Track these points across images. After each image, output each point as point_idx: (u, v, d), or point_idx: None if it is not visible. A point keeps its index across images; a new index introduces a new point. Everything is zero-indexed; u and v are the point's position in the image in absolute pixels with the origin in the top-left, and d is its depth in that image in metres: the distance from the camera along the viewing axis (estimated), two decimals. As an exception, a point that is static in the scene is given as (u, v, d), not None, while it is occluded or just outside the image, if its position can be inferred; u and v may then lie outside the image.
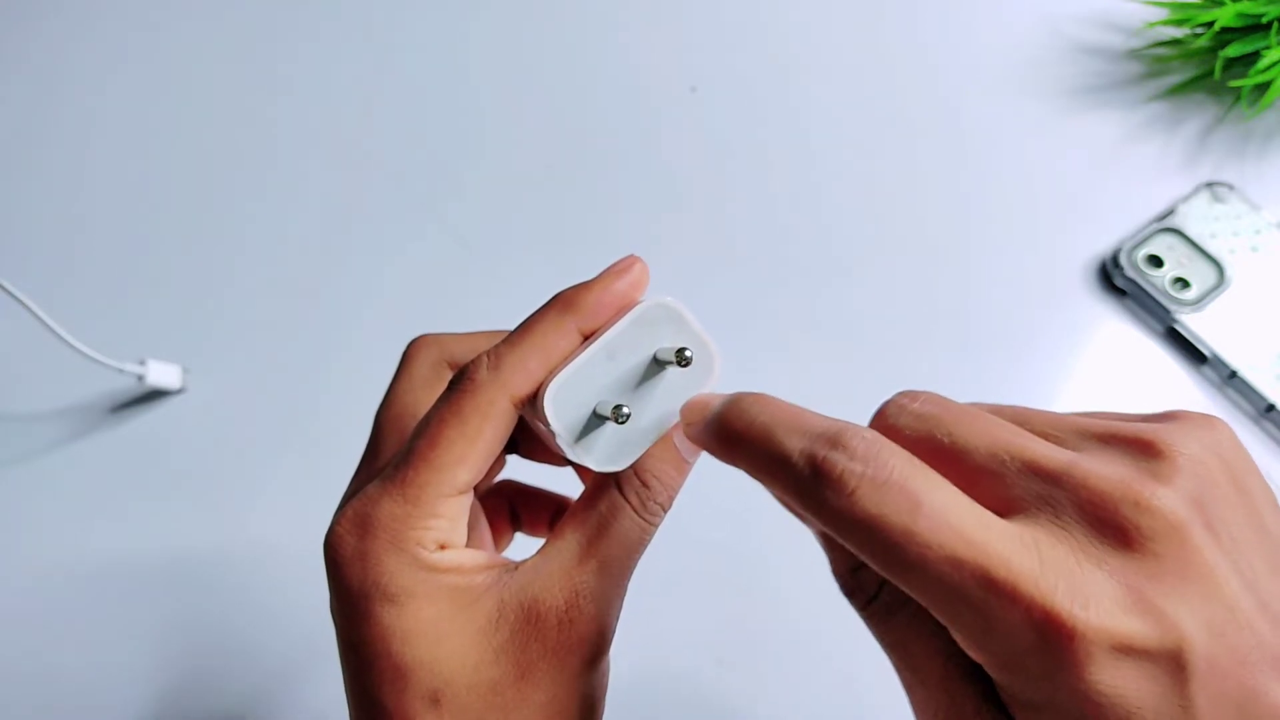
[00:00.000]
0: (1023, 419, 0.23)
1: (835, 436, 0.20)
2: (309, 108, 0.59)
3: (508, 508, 0.33)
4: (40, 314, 0.43)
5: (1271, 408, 0.47)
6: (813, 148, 0.56)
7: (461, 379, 0.25)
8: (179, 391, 0.49)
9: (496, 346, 0.25)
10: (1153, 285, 0.49)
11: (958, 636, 0.20)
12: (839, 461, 0.20)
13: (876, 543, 0.19)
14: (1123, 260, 0.50)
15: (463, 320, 0.27)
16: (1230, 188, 0.52)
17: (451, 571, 0.25)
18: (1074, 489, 0.20)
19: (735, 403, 0.23)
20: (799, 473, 0.20)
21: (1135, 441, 0.21)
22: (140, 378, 0.47)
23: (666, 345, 0.25)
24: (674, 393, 0.25)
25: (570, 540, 0.26)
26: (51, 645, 0.44)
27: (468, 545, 0.26)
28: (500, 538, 0.33)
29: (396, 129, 0.58)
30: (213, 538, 0.46)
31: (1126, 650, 0.18)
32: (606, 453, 0.25)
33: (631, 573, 0.26)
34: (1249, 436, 0.47)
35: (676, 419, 0.26)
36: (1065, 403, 0.49)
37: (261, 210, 0.55)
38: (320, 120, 0.59)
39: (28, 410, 0.49)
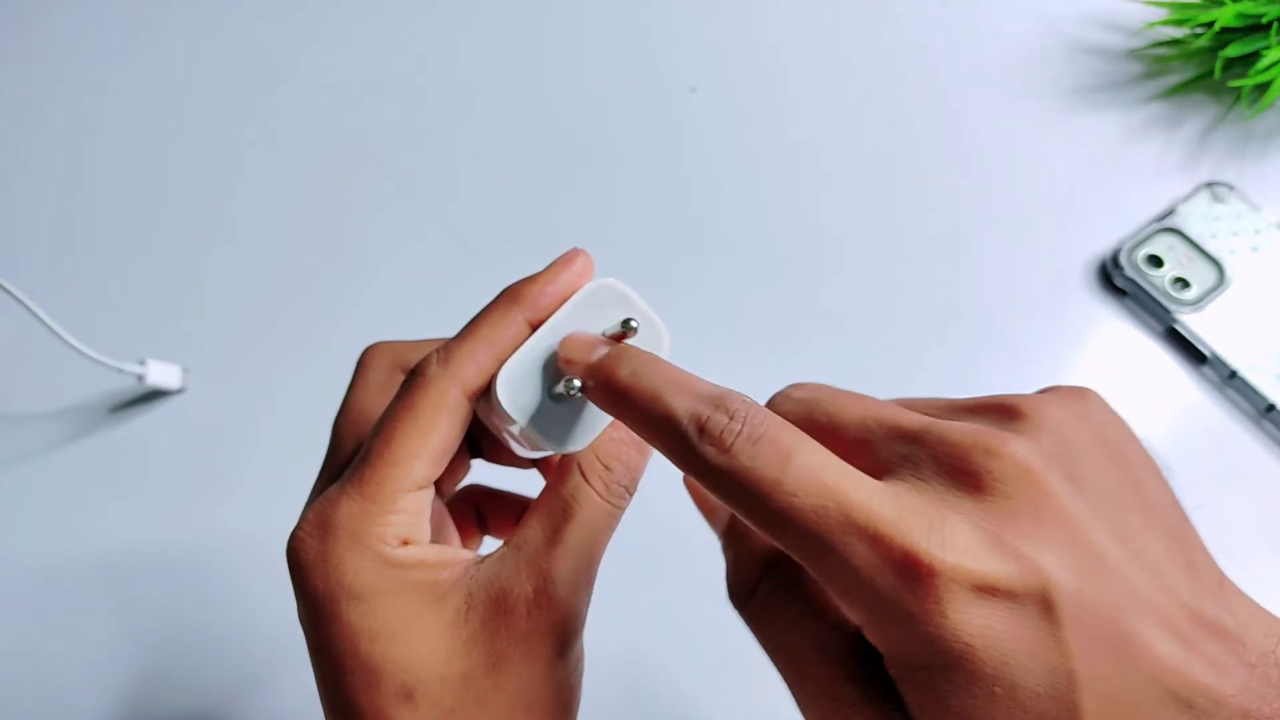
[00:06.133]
0: (905, 403, 0.24)
1: (719, 399, 0.21)
2: (308, 108, 0.59)
3: (474, 511, 0.33)
4: (40, 314, 0.43)
5: (1271, 408, 0.47)
6: (812, 148, 0.56)
7: (413, 376, 0.25)
8: (179, 391, 0.49)
9: (446, 343, 0.26)
10: (1153, 285, 0.49)
11: (829, 587, 0.20)
12: (720, 421, 0.21)
13: (749, 494, 0.20)
14: (1123, 260, 0.50)
15: (462, 320, 0.27)
16: (1230, 188, 0.52)
17: (416, 566, 0.25)
18: (932, 444, 0.21)
19: (623, 355, 0.23)
20: (684, 431, 0.21)
21: (998, 407, 0.22)
22: (140, 378, 0.47)
23: (613, 322, 0.25)
24: None
25: (536, 529, 0.26)
26: (52, 645, 0.44)
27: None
28: (468, 541, 0.33)
29: (396, 129, 0.58)
30: (213, 538, 0.46)
31: (988, 590, 0.19)
32: (563, 434, 0.25)
33: (600, 558, 0.26)
34: (1249, 436, 0.47)
35: None
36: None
37: (261, 210, 0.55)
38: (319, 120, 0.59)
39: (28, 410, 0.49)
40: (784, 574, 0.23)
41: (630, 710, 0.41)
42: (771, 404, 0.24)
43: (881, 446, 0.22)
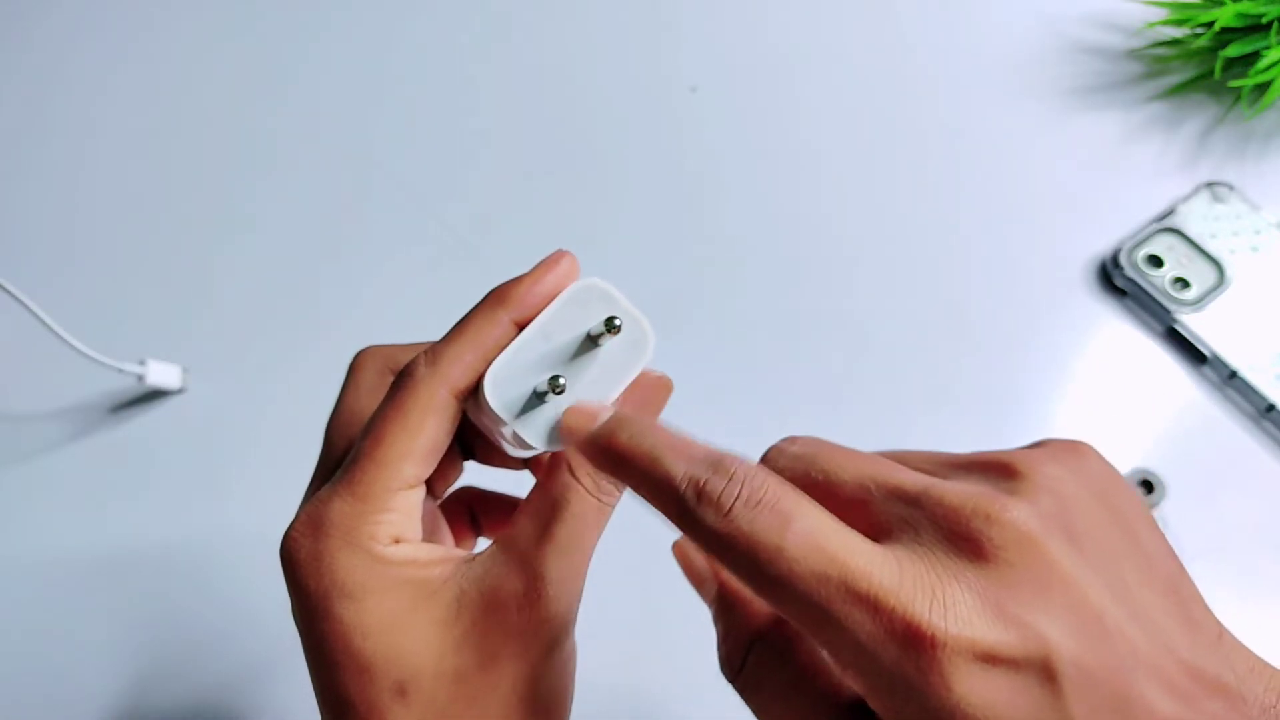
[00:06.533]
0: (900, 457, 0.24)
1: (716, 462, 0.21)
2: (309, 108, 0.59)
3: (468, 513, 0.33)
4: (40, 314, 0.43)
5: (1271, 408, 0.47)
6: (812, 148, 0.56)
7: (401, 377, 0.26)
8: (179, 391, 0.49)
9: (433, 344, 0.26)
10: (1153, 285, 0.49)
11: (830, 655, 0.20)
12: (718, 484, 0.21)
13: (749, 559, 0.20)
14: (1123, 260, 0.50)
15: (462, 320, 0.27)
16: (1230, 188, 0.52)
17: (408, 565, 0.25)
18: (930, 508, 0.21)
19: (621, 423, 0.24)
20: (682, 494, 0.21)
21: (994, 465, 0.22)
22: (140, 378, 0.47)
23: (598, 322, 0.26)
24: (611, 368, 0.26)
25: (526, 526, 0.26)
26: (52, 644, 0.44)
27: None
28: (462, 543, 0.33)
29: (396, 129, 0.58)
30: (213, 537, 0.46)
31: (990, 659, 0.18)
32: (551, 431, 0.25)
33: (590, 555, 0.27)
34: (1249, 436, 0.47)
35: (617, 393, 0.26)
36: (1065, 403, 0.49)
37: (262, 210, 0.55)
38: (320, 120, 0.59)
39: (28, 410, 0.49)
40: (774, 645, 0.24)
41: (626, 709, 0.41)
42: (766, 459, 0.25)
43: (880, 508, 0.22)
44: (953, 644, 0.18)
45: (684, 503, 0.21)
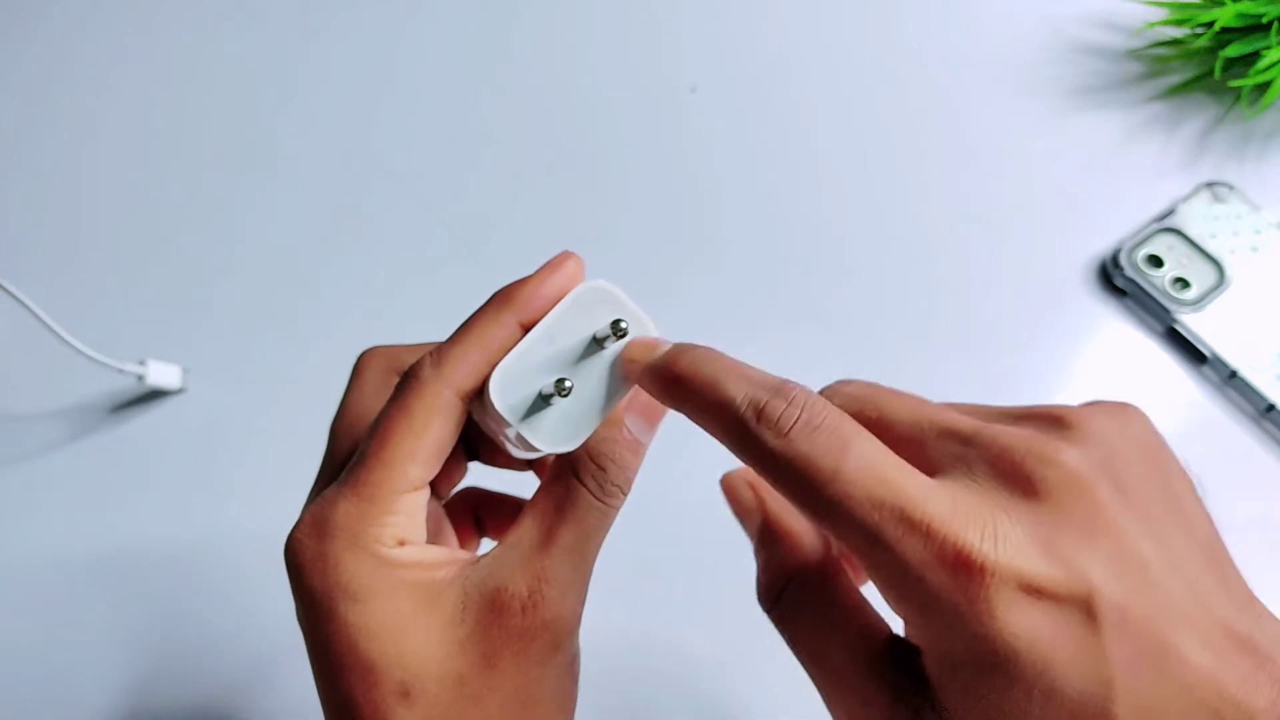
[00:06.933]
0: (952, 406, 0.24)
1: (777, 386, 0.22)
2: (309, 108, 0.59)
3: (472, 514, 0.33)
4: (40, 314, 0.43)
5: (1271, 408, 0.47)
6: (812, 148, 0.56)
7: (407, 378, 0.26)
8: (179, 391, 0.49)
9: (439, 345, 0.26)
10: (1153, 285, 0.49)
11: (876, 580, 0.21)
12: (779, 406, 0.21)
13: (805, 481, 0.21)
14: (1123, 260, 0.50)
15: (463, 321, 0.27)
16: (1230, 188, 0.52)
17: (412, 567, 0.25)
18: (984, 446, 0.21)
19: (684, 349, 0.24)
20: (742, 415, 0.22)
21: (1045, 416, 0.23)
22: (140, 378, 0.47)
23: (604, 324, 0.26)
24: (616, 370, 0.26)
25: (530, 529, 0.26)
26: (53, 644, 0.44)
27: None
28: (466, 543, 0.33)
29: (397, 129, 0.58)
30: (213, 537, 0.46)
31: (1035, 591, 0.19)
32: (556, 434, 0.26)
33: (594, 557, 0.27)
34: (1249, 436, 0.47)
35: (622, 396, 0.26)
36: (1065, 403, 0.49)
37: (262, 210, 0.55)
38: (320, 120, 0.59)
39: (28, 410, 0.49)
40: (813, 579, 0.24)
41: (629, 710, 0.41)
42: (821, 395, 0.25)
43: (934, 445, 0.22)
44: (1001, 573, 0.19)
45: (744, 424, 0.21)
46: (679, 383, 0.23)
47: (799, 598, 0.24)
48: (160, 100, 0.60)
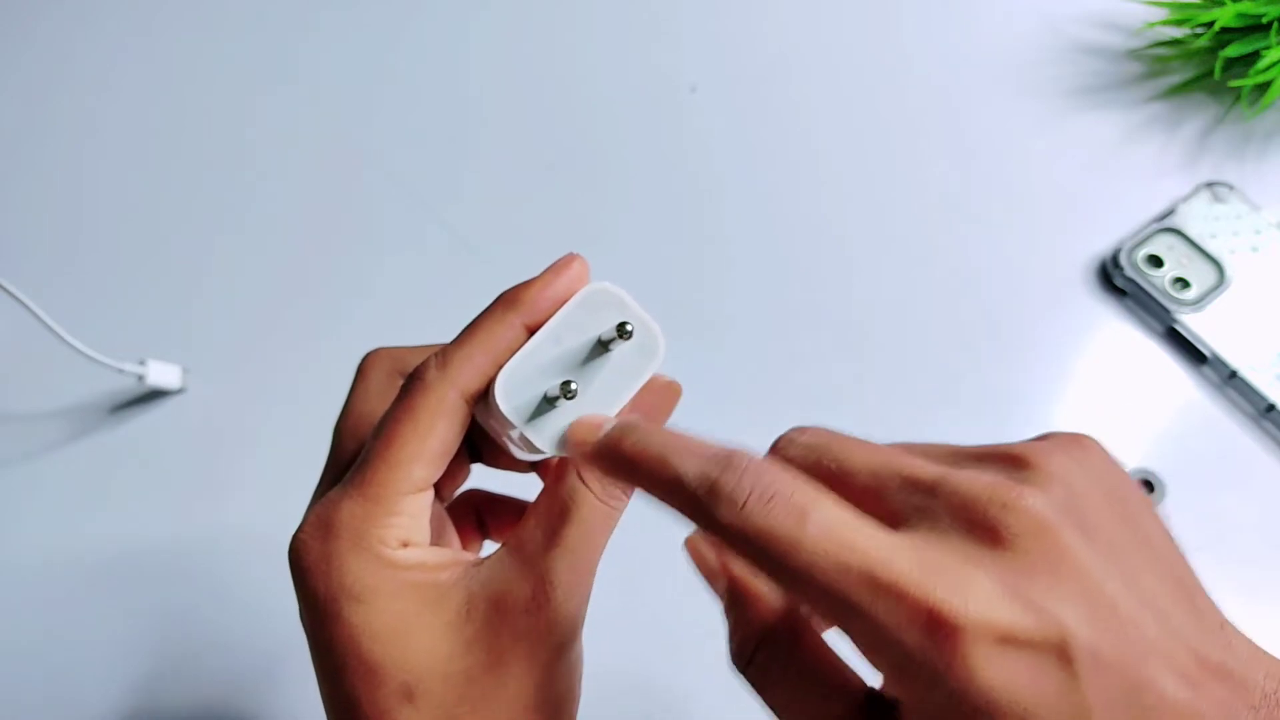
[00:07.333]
0: (907, 448, 0.24)
1: (726, 459, 0.21)
2: (309, 108, 0.59)
3: (475, 516, 0.33)
4: (40, 314, 0.43)
5: (1271, 408, 0.47)
6: (812, 148, 0.56)
7: (412, 380, 0.26)
8: (179, 391, 0.49)
9: (444, 347, 0.26)
10: (1153, 285, 0.49)
11: (855, 644, 0.20)
12: (730, 481, 0.21)
13: (767, 553, 0.20)
14: (1123, 260, 0.50)
15: (463, 322, 0.27)
16: (1230, 188, 0.52)
17: (416, 568, 0.25)
18: (946, 496, 0.21)
19: (626, 429, 0.24)
20: (694, 492, 0.21)
21: (1004, 457, 0.22)
22: (140, 378, 0.47)
23: (609, 327, 0.26)
24: (622, 373, 0.26)
25: (534, 530, 0.26)
26: (53, 644, 0.44)
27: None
28: (469, 545, 0.33)
29: (397, 129, 0.58)
30: (213, 537, 0.46)
31: (1010, 641, 0.19)
32: (560, 436, 0.26)
33: (597, 559, 0.27)
34: (1249, 436, 0.47)
35: (626, 398, 0.26)
36: (1065, 403, 0.49)
37: (262, 210, 0.55)
38: (321, 120, 0.59)
39: (28, 410, 0.49)
40: (784, 638, 0.24)
41: (631, 711, 0.41)
42: (776, 448, 0.25)
43: (894, 496, 0.22)
44: (974, 628, 0.19)
45: (698, 501, 0.21)
46: (627, 464, 0.23)
47: (772, 658, 0.23)
48: (160, 100, 0.59)
